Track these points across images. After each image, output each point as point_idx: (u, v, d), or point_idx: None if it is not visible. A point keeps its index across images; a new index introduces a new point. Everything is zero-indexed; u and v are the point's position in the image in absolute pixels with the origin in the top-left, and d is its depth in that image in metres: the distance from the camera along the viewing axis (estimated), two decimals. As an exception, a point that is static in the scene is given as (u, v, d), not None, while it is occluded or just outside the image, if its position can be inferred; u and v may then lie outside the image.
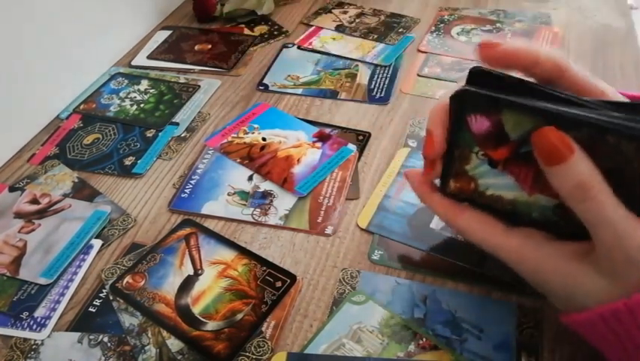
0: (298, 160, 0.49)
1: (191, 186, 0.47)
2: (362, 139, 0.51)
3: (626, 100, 0.30)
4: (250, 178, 0.48)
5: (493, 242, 0.31)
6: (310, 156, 0.49)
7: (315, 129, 0.52)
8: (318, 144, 0.51)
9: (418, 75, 0.59)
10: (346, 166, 0.48)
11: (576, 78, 0.31)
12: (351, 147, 0.50)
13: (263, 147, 0.51)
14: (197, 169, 0.49)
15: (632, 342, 0.26)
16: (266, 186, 0.47)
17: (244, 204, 0.45)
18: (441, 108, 0.32)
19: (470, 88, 0.29)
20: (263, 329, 0.36)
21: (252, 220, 0.44)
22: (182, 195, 0.46)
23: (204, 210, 0.45)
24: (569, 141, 0.27)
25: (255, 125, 0.53)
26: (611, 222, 0.26)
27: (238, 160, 0.49)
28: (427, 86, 0.57)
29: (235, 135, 0.52)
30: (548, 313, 0.35)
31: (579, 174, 0.26)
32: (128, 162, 0.51)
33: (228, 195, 0.46)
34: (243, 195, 0.46)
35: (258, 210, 0.45)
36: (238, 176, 0.48)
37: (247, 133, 0.53)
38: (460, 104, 0.30)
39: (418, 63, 0.61)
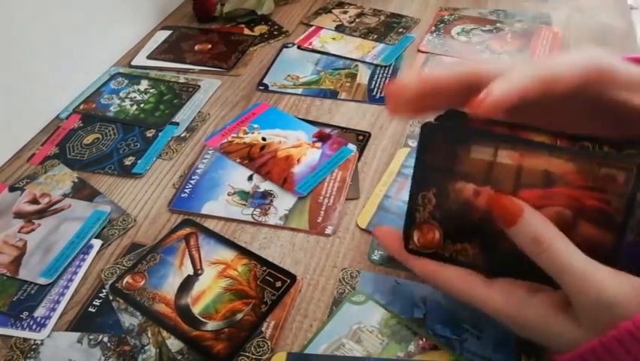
0: (298, 160, 0.49)
1: (191, 186, 0.47)
2: (362, 139, 0.51)
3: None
4: (250, 178, 0.48)
5: (476, 299, 0.31)
6: (310, 156, 0.49)
7: (315, 129, 0.52)
8: (318, 144, 0.51)
9: (418, 75, 0.59)
10: (346, 166, 0.48)
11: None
12: (351, 147, 0.50)
13: (263, 147, 0.51)
14: (197, 169, 0.49)
15: None
16: (266, 186, 0.47)
17: (244, 204, 0.45)
18: (431, 79, 0.31)
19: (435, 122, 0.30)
20: (263, 329, 0.36)
21: (252, 220, 0.44)
22: (182, 195, 0.46)
23: (204, 210, 0.45)
24: (518, 201, 0.29)
25: (255, 125, 0.53)
26: (568, 269, 0.27)
27: (238, 160, 0.49)
28: (427, 86, 0.57)
29: (235, 135, 0.52)
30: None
31: (531, 230, 0.28)
32: (128, 162, 0.51)
33: (228, 195, 0.46)
34: (243, 195, 0.46)
35: (258, 210, 0.45)
36: (238, 176, 0.48)
37: (247, 133, 0.53)
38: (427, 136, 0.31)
39: (418, 63, 0.61)
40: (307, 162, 0.49)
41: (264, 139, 0.52)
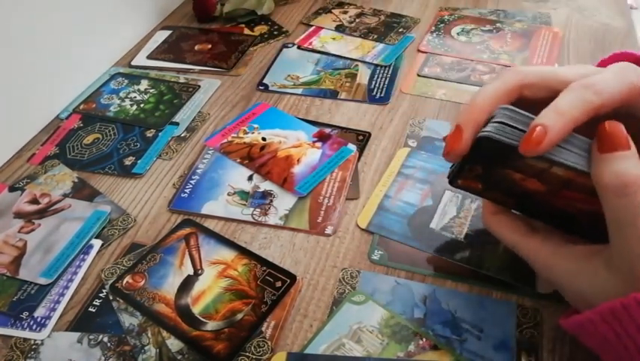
0: (298, 160, 0.49)
1: (191, 186, 0.47)
2: (362, 139, 0.51)
3: None
4: (250, 178, 0.48)
5: (515, 240, 0.34)
6: (310, 156, 0.49)
7: (315, 129, 0.52)
8: (318, 144, 0.51)
9: (418, 75, 0.59)
10: (346, 166, 0.48)
11: None
12: (351, 146, 0.50)
13: (263, 147, 0.51)
14: (197, 169, 0.49)
15: (634, 343, 0.26)
16: (266, 186, 0.47)
17: (244, 204, 0.45)
18: (480, 110, 0.31)
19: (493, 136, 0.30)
20: (263, 329, 0.36)
21: (251, 220, 0.44)
22: (182, 195, 0.46)
23: (204, 210, 0.45)
24: (629, 138, 0.28)
25: (255, 125, 0.53)
26: (636, 222, 0.26)
27: (238, 160, 0.49)
28: (427, 86, 0.57)
29: (235, 135, 0.52)
30: (548, 314, 0.35)
31: (628, 168, 0.27)
32: (128, 162, 0.51)
33: (228, 195, 0.46)
34: (243, 195, 0.46)
35: (258, 210, 0.45)
36: (238, 176, 0.48)
37: (247, 133, 0.53)
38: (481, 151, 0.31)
39: (418, 63, 0.61)
40: (307, 162, 0.49)
41: (264, 139, 0.52)
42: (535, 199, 0.33)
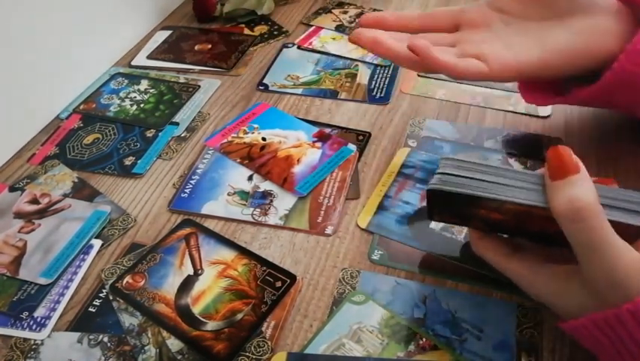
0: (298, 160, 0.49)
1: (191, 186, 0.47)
2: (362, 139, 0.51)
3: None
4: (250, 178, 0.48)
5: (498, 262, 0.35)
6: (310, 156, 0.49)
7: (315, 129, 0.52)
8: (318, 144, 0.51)
9: (418, 75, 0.59)
10: (346, 166, 0.48)
11: None
12: (351, 146, 0.50)
13: (263, 147, 0.51)
14: (197, 169, 0.49)
15: (625, 348, 0.27)
16: (266, 186, 0.47)
17: (244, 204, 0.45)
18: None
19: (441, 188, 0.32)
20: (263, 329, 0.36)
21: (252, 220, 0.44)
22: (182, 195, 0.46)
23: (204, 210, 0.45)
24: (577, 161, 0.28)
25: (255, 125, 0.53)
26: (599, 248, 0.27)
27: (238, 160, 0.49)
28: (427, 86, 0.57)
29: (235, 135, 0.52)
30: (548, 314, 0.35)
31: (579, 193, 0.27)
32: (128, 162, 0.51)
33: (228, 195, 0.46)
34: (243, 195, 0.46)
35: (258, 210, 0.45)
36: (238, 176, 0.48)
37: (247, 133, 0.53)
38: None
39: (418, 63, 0.61)
40: (307, 162, 0.49)
41: (264, 139, 0.52)
42: (508, 226, 0.34)
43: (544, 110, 0.52)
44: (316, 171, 0.48)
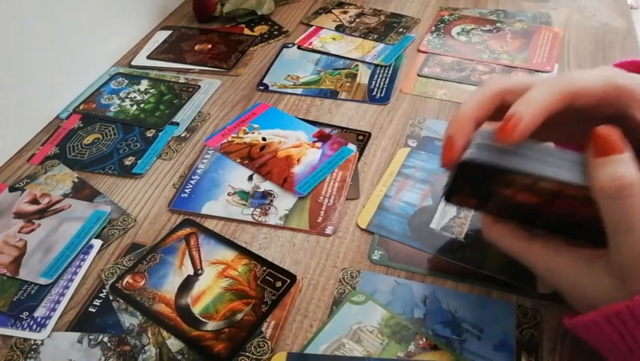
0: (298, 160, 0.49)
1: (191, 186, 0.47)
2: (362, 139, 0.51)
3: None
4: (250, 178, 0.48)
5: (517, 247, 0.34)
6: (310, 156, 0.49)
7: (315, 129, 0.52)
8: (318, 144, 0.51)
9: (418, 75, 0.59)
10: (346, 166, 0.48)
11: None
12: (351, 146, 0.50)
13: (263, 147, 0.51)
14: (198, 169, 0.49)
15: (637, 343, 0.26)
16: (266, 186, 0.47)
17: (244, 204, 0.45)
18: (467, 119, 0.32)
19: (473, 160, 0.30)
20: (263, 329, 0.36)
21: (252, 220, 0.44)
22: (182, 195, 0.46)
23: (204, 210, 0.45)
24: (623, 140, 0.28)
25: (255, 125, 0.53)
26: (636, 228, 0.26)
27: (238, 160, 0.49)
28: (427, 86, 0.57)
29: (235, 135, 0.52)
30: (548, 314, 0.35)
31: (624, 170, 0.27)
32: (128, 162, 0.51)
33: (228, 195, 0.46)
34: (243, 195, 0.46)
35: (258, 210, 0.45)
36: (238, 176, 0.48)
37: (247, 133, 0.53)
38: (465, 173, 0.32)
39: (418, 63, 0.61)
40: (307, 162, 0.49)
41: (264, 139, 0.52)
42: (531, 210, 0.33)
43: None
44: (316, 171, 0.47)
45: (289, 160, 0.49)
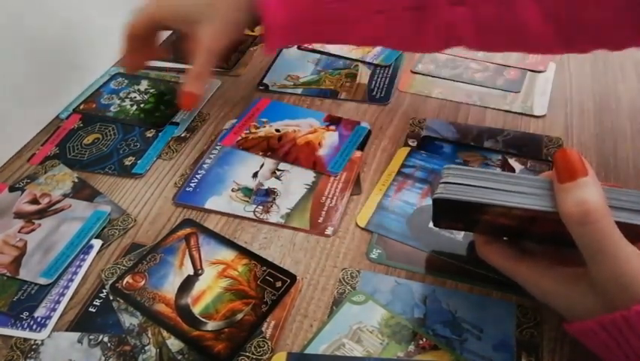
0: (319, 144, 0.50)
1: (196, 180, 0.47)
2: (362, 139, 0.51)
3: None
4: (255, 175, 0.48)
5: (506, 267, 0.35)
6: (329, 139, 0.51)
7: (323, 114, 0.54)
8: (332, 127, 0.52)
9: (411, 72, 0.59)
10: (351, 167, 0.48)
11: None
12: (365, 124, 0.52)
13: (280, 138, 0.51)
14: (204, 164, 0.49)
15: (633, 351, 0.26)
16: (270, 183, 0.47)
17: (247, 201, 0.45)
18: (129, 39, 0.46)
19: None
20: (263, 329, 0.36)
21: (253, 217, 0.44)
22: (187, 190, 0.47)
23: (208, 205, 0.45)
24: (586, 163, 0.28)
25: (264, 120, 0.54)
26: (607, 250, 0.27)
27: (260, 153, 0.50)
28: (424, 84, 0.57)
29: (247, 132, 0.52)
30: (548, 314, 0.35)
31: (588, 195, 0.27)
32: (128, 162, 0.51)
33: (232, 191, 0.46)
34: (247, 191, 0.46)
35: (261, 207, 0.45)
36: (244, 172, 0.48)
37: (258, 128, 0.53)
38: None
39: (414, 61, 0.61)
40: (329, 144, 0.50)
41: (277, 130, 0.52)
42: (516, 229, 0.34)
43: (540, 110, 0.53)
44: (341, 150, 0.49)
45: (310, 145, 0.50)
